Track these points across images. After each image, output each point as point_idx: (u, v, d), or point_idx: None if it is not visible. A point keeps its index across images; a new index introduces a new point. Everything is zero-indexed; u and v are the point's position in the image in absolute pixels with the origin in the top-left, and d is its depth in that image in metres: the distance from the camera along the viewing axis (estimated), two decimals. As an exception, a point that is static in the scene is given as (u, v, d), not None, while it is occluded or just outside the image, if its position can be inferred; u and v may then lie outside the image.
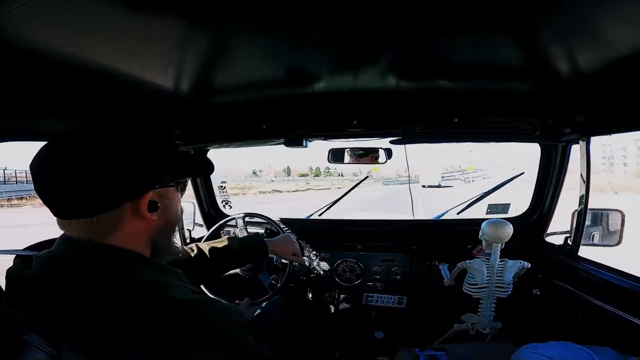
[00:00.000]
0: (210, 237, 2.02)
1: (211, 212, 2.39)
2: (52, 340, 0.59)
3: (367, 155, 1.92)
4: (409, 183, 2.34)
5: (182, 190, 0.85)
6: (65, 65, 0.90)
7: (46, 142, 0.69)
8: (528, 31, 0.83)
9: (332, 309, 2.14)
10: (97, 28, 0.74)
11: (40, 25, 0.70)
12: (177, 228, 0.85)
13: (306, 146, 1.82)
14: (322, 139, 1.88)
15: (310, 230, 2.22)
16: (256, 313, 1.65)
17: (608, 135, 1.56)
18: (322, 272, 2.07)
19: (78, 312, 0.62)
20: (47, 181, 0.65)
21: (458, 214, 2.17)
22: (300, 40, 0.89)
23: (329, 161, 1.98)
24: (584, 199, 1.61)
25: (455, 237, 2.01)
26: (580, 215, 1.63)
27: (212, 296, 0.74)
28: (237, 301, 0.84)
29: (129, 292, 0.64)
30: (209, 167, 0.87)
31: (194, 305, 0.67)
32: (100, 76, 1.01)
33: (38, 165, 0.66)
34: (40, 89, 1.05)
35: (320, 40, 0.90)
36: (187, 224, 2.20)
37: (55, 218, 0.69)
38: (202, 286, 1.57)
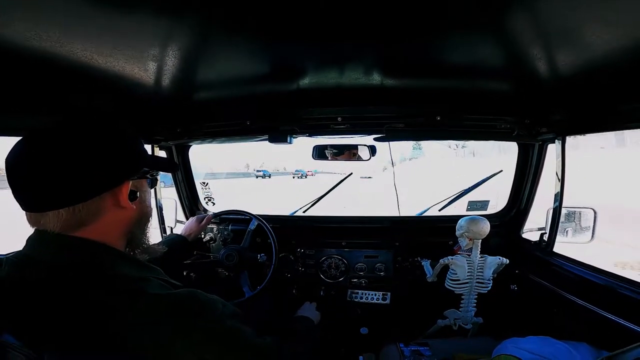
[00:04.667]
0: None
1: (194, 209, 2.35)
2: (31, 343, 0.57)
3: (351, 152, 1.92)
4: (394, 180, 2.34)
5: (154, 184, 0.88)
6: (42, 60, 0.87)
7: (23, 136, 0.66)
8: (507, 32, 0.84)
9: (317, 305, 2.15)
10: (75, 23, 0.71)
11: (15, 19, 0.66)
12: (150, 222, 0.86)
13: (291, 142, 1.81)
14: (307, 136, 1.87)
15: (295, 227, 2.22)
16: None
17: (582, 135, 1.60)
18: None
19: (56, 312, 0.60)
20: (26, 171, 0.63)
21: (440, 210, 2.20)
22: (284, 36, 0.88)
23: (313, 157, 1.97)
24: (559, 197, 1.67)
25: (437, 233, 2.05)
26: (555, 212, 1.69)
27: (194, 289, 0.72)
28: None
29: (106, 290, 0.62)
30: (176, 165, 0.89)
31: (176, 300, 0.66)
32: (78, 71, 0.97)
33: (16, 157, 0.64)
34: (16, 84, 1.00)
35: (304, 37, 0.89)
36: (168, 220, 2.16)
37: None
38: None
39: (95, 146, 0.68)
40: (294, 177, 41.85)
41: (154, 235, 2.14)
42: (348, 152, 1.93)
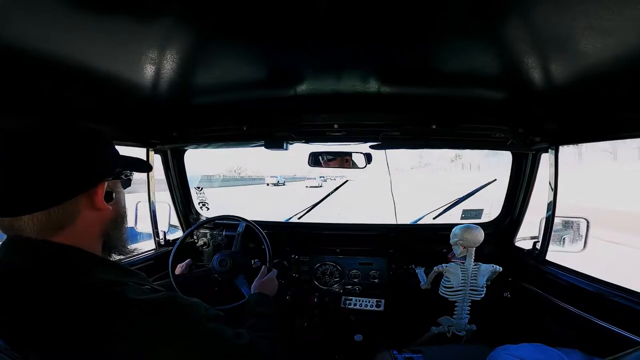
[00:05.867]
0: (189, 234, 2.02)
1: (187, 213, 2.34)
2: (17, 345, 0.57)
3: (347, 160, 1.93)
4: (391, 188, 2.34)
5: (127, 185, 0.87)
6: (39, 61, 0.86)
7: None
8: (502, 41, 0.86)
9: (312, 312, 2.14)
10: (73, 25, 0.72)
11: (15, 20, 0.66)
12: (126, 223, 0.85)
13: (287, 149, 1.82)
14: (303, 142, 1.88)
15: (290, 234, 2.21)
16: None
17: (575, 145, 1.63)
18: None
19: (33, 320, 0.59)
20: None
21: (434, 218, 2.21)
22: (281, 42, 0.89)
23: (309, 164, 1.97)
24: (552, 206, 1.69)
25: (431, 241, 2.05)
26: (548, 221, 1.71)
27: (175, 293, 0.72)
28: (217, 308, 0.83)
29: (85, 296, 0.61)
30: (149, 165, 0.89)
31: (156, 304, 0.65)
32: (75, 72, 0.97)
33: None
34: (13, 84, 1.00)
35: (302, 43, 0.90)
36: (162, 225, 2.14)
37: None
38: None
39: (68, 148, 0.67)
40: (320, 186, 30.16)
41: (147, 239, 2.13)
42: (344, 159, 1.93)
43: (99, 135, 0.74)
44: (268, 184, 36.43)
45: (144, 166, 0.91)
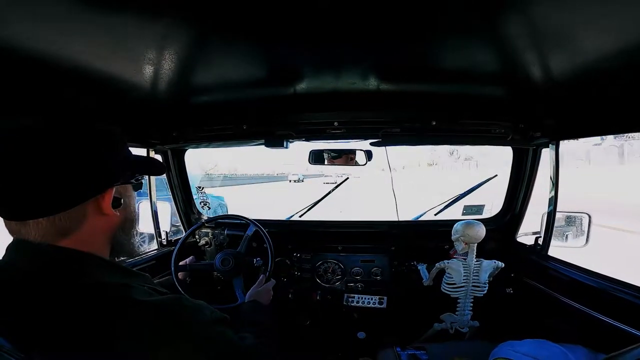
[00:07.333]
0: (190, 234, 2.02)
1: (189, 213, 2.34)
2: (22, 346, 0.57)
3: (348, 157, 1.93)
4: (392, 185, 2.34)
5: (138, 188, 0.84)
6: (38, 61, 0.86)
7: None
8: (502, 37, 0.86)
9: (314, 310, 2.15)
10: (72, 25, 0.71)
11: (14, 20, 0.66)
12: (135, 226, 0.84)
13: (287, 147, 1.81)
14: (303, 140, 1.88)
15: (291, 232, 2.21)
16: None
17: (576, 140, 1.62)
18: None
19: (37, 321, 0.59)
20: (3, 177, 0.59)
21: (435, 215, 2.21)
22: (281, 40, 0.89)
23: (309, 162, 1.97)
24: (553, 201, 1.68)
25: (433, 237, 2.05)
26: (550, 216, 1.71)
27: (180, 295, 0.72)
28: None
29: (89, 298, 0.61)
30: (163, 167, 0.89)
31: (161, 306, 0.65)
32: (73, 73, 0.97)
33: None
34: (11, 85, 1.00)
35: (301, 41, 0.90)
36: (163, 224, 2.14)
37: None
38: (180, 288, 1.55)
39: (78, 151, 0.64)
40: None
41: (148, 239, 2.12)
42: (344, 157, 1.93)
43: (112, 136, 0.71)
44: (290, 181, 41.31)
45: (158, 167, 0.89)
